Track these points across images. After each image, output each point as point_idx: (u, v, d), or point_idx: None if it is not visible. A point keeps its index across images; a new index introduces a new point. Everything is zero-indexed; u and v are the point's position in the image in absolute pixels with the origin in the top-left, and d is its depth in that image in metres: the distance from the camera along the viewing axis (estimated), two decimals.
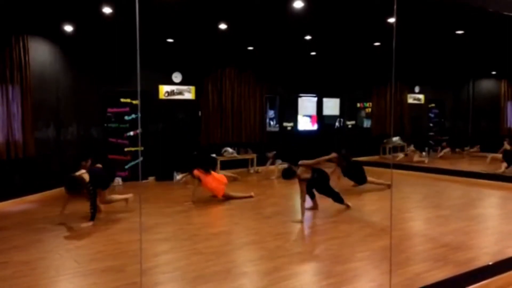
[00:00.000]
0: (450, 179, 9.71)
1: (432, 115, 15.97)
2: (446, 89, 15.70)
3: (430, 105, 15.89)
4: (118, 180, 9.20)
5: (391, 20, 7.39)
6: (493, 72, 15.01)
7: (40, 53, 7.93)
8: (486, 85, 15.49)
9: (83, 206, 6.40)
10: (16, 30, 7.24)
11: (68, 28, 7.85)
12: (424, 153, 14.27)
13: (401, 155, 12.84)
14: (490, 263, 4.29)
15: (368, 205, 7.25)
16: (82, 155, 7.84)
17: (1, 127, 7.01)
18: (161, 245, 4.99)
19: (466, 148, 14.10)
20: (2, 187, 7.15)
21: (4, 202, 7.08)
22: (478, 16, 7.50)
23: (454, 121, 15.74)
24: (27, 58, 7.44)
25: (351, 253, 4.67)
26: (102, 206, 6.46)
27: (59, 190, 8.18)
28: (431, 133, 15.04)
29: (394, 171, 10.67)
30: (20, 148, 7.33)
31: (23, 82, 7.38)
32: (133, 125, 9.48)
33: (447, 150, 13.39)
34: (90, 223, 5.80)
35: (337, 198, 6.71)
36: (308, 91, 12.64)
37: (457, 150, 13.99)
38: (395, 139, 13.95)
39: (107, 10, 6.76)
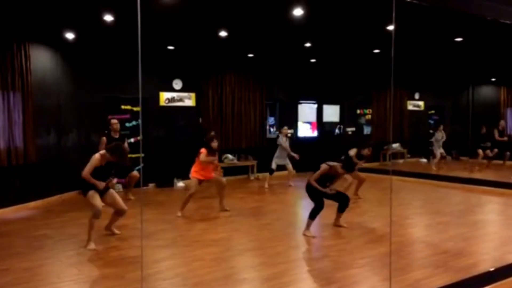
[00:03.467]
0: (449, 186, 9.72)
1: (432, 122, 16.00)
2: (445, 96, 15.74)
3: (430, 112, 15.92)
4: (118, 187, 9.20)
5: (391, 27, 7.44)
6: (493, 79, 15.05)
7: (41, 60, 7.97)
8: (486, 91, 15.52)
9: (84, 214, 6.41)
10: (18, 37, 7.28)
11: (69, 35, 7.90)
12: (424, 160, 14.31)
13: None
14: (491, 269, 4.30)
15: (368, 211, 7.26)
16: None
17: (2, 134, 7.02)
18: (162, 252, 5.00)
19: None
20: (3, 193, 7.15)
21: (5, 208, 7.08)
22: (477, 24, 7.54)
23: (454, 127, 15.74)
24: (28, 65, 7.47)
25: (351, 260, 4.67)
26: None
27: (59, 197, 8.22)
28: (431, 140, 15.04)
29: (394, 177, 10.66)
30: (21, 154, 7.33)
31: (25, 88, 7.41)
32: (133, 131, 9.50)
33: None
34: None
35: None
36: (308, 97, 12.67)
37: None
38: (395, 145, 13.96)
39: (108, 17, 6.81)
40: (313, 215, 5.67)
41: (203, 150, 6.96)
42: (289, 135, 10.19)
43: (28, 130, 7.45)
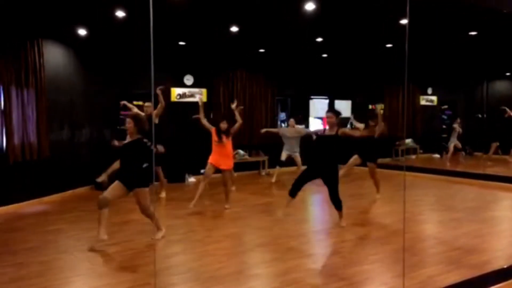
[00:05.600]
0: (463, 181, 9.61)
1: (445, 117, 15.83)
2: (459, 91, 15.54)
3: (443, 107, 15.75)
4: None
5: (404, 21, 7.36)
6: (507, 73, 14.82)
7: (54, 56, 8.04)
8: (500, 86, 15.28)
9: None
10: (31, 34, 7.35)
11: (82, 31, 7.96)
12: (437, 155, 14.17)
13: None
14: (505, 267, 4.25)
15: (380, 207, 7.21)
16: None
17: (17, 129, 7.11)
18: (173, 247, 5.03)
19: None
20: (17, 188, 7.25)
21: (19, 203, 7.18)
22: (492, 17, 7.43)
23: (468, 122, 15.56)
24: (41, 62, 7.55)
25: (363, 256, 4.65)
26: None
27: (72, 192, 8.31)
28: (444, 135, 14.89)
29: (406, 173, 10.58)
30: (35, 150, 7.43)
31: (38, 85, 7.49)
32: None
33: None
34: None
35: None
36: (319, 93, 12.62)
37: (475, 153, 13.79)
38: (408, 141, 13.85)
39: (119, 13, 6.84)
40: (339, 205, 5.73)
41: (213, 129, 6.99)
42: (295, 127, 10.01)
43: (41, 125, 7.53)
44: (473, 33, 8.96)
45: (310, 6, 6.72)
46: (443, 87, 15.14)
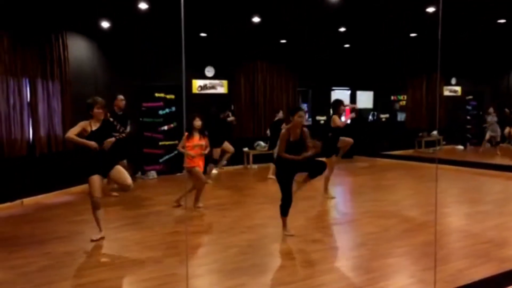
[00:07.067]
0: (489, 173, 9.39)
1: (469, 108, 15.49)
2: (484, 81, 15.16)
3: (467, 97, 15.41)
4: (152, 173, 9.36)
5: (430, 9, 7.18)
6: None
7: (78, 49, 8.13)
8: None
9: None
10: (56, 27, 7.43)
11: (105, 24, 8.01)
12: (461, 147, 13.90)
13: None
14: None
15: (404, 199, 7.11)
16: None
17: (43, 122, 7.23)
18: (198, 238, 5.05)
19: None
20: (44, 179, 7.38)
21: (46, 194, 7.32)
22: None
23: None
24: (66, 54, 7.64)
25: (389, 248, 4.59)
26: None
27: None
28: (469, 126, 14.58)
29: (430, 165, 10.35)
30: (60, 141, 7.54)
31: (63, 77, 7.59)
32: (167, 119, 9.59)
33: None
34: None
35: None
36: (341, 84, 12.48)
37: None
38: (434, 132, 13.61)
39: (142, 5, 6.85)
40: (284, 211, 5.12)
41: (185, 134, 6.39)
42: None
43: (67, 118, 7.64)
44: (502, 21, 8.70)
45: None
46: (468, 77, 14.79)
